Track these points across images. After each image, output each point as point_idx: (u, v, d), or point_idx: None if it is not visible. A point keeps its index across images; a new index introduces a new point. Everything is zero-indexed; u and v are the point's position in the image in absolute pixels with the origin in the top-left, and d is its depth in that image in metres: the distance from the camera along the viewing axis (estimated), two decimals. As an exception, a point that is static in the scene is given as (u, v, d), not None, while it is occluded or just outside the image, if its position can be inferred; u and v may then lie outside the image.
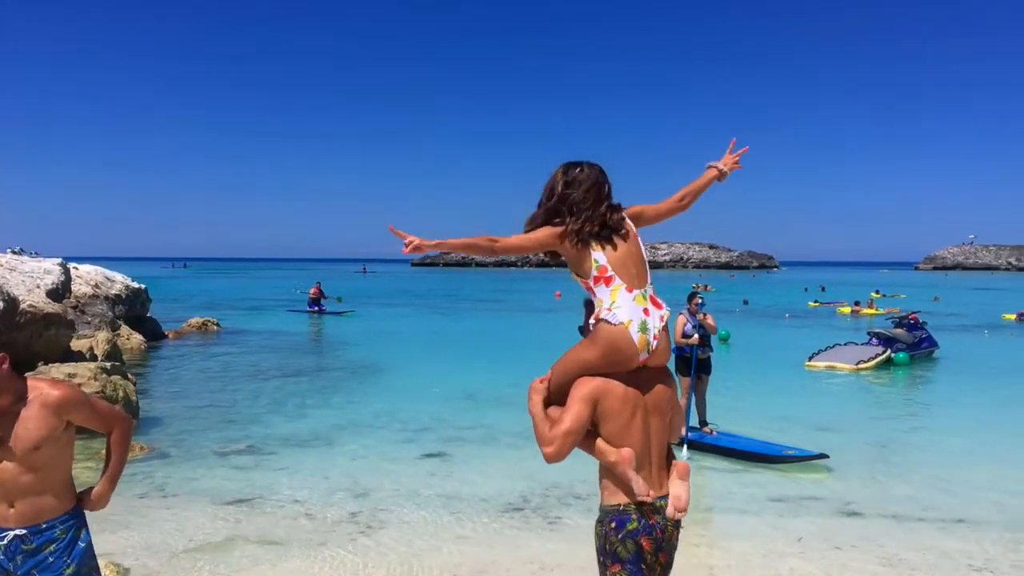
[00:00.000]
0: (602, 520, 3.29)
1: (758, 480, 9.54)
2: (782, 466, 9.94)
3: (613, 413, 3.23)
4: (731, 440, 10.79)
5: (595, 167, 3.51)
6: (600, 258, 3.33)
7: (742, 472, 9.87)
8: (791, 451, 10.20)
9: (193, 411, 13.29)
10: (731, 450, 10.47)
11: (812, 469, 9.84)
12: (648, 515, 3.20)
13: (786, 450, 10.25)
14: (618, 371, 3.25)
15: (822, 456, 10.03)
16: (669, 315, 3.41)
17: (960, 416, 13.93)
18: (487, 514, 8.05)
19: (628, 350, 3.22)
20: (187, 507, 8.13)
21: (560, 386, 3.36)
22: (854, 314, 39.91)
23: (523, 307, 44.28)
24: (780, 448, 10.34)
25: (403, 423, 12.52)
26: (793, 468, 9.87)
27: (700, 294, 11.72)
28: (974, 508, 8.39)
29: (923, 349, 21.53)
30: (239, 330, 28.10)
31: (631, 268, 3.36)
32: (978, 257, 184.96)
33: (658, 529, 3.21)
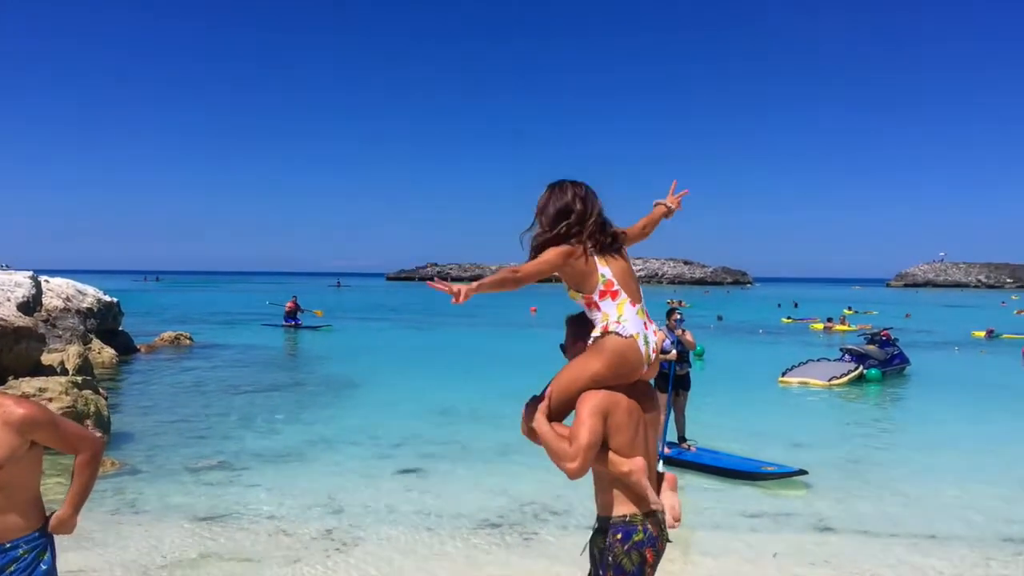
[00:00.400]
0: (605, 532, 3.31)
1: (733, 495, 9.58)
2: (758, 482, 9.99)
3: (622, 426, 3.28)
4: (711, 456, 10.79)
5: (586, 184, 3.58)
6: (607, 272, 3.40)
7: (718, 487, 9.91)
8: (770, 467, 10.22)
9: (165, 426, 13.17)
10: (710, 467, 10.47)
11: (787, 485, 9.90)
12: (652, 526, 3.27)
13: (765, 466, 10.26)
14: (623, 383, 3.32)
15: (801, 472, 10.04)
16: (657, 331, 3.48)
17: (931, 432, 14.08)
18: (463, 530, 8.03)
19: (636, 362, 3.31)
20: (159, 524, 8.04)
21: (563, 401, 3.37)
22: (827, 330, 40.27)
23: (498, 322, 44.28)
24: (759, 464, 10.35)
25: (378, 438, 12.47)
26: (769, 484, 9.92)
27: (679, 310, 11.77)
28: (945, 524, 8.47)
29: (895, 365, 21.76)
30: (212, 344, 27.89)
31: (631, 283, 3.46)
32: (948, 274, 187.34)
33: (660, 541, 3.28)
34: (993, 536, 8.08)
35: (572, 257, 3.39)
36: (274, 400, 16.23)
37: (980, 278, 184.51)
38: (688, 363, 11.42)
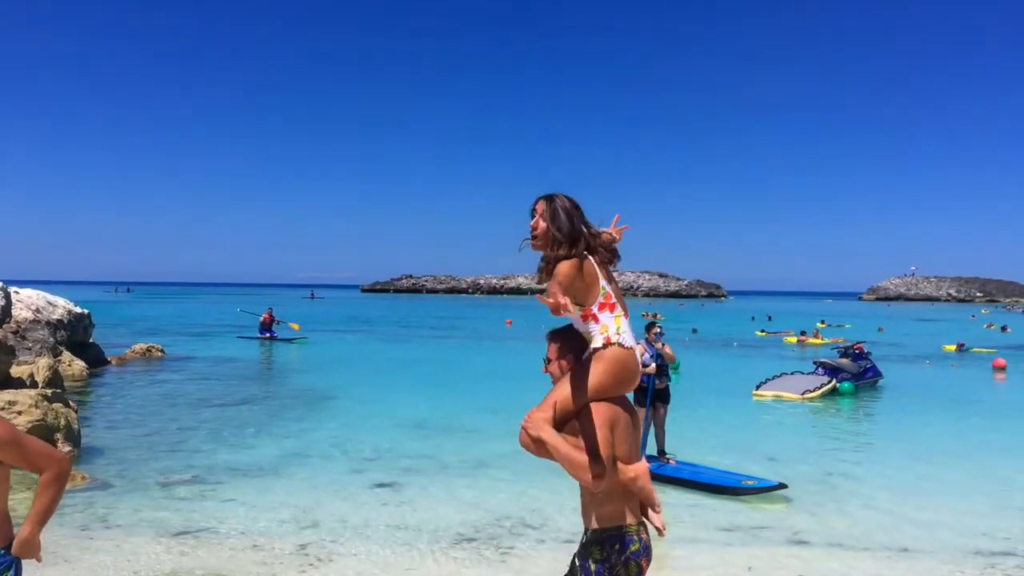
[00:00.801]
0: (601, 543, 3.31)
1: (708, 509, 9.60)
2: (737, 496, 9.97)
3: (625, 436, 3.34)
4: (691, 471, 10.76)
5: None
6: (605, 285, 3.44)
7: (692, 501, 9.92)
8: (751, 481, 10.20)
9: (137, 440, 13.01)
10: (691, 481, 10.44)
11: (762, 498, 9.93)
12: (645, 536, 3.34)
13: (745, 480, 10.25)
14: (622, 394, 3.40)
15: (781, 486, 10.03)
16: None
17: (903, 446, 14.18)
18: (439, 545, 7.98)
19: (636, 373, 3.42)
20: (131, 539, 7.92)
21: (566, 412, 3.37)
22: (800, 343, 40.59)
23: (474, 335, 44.25)
24: (739, 479, 10.34)
25: (353, 452, 12.39)
26: (744, 497, 9.93)
27: (659, 323, 11.80)
28: (917, 538, 8.53)
29: (868, 379, 21.96)
30: (184, 356, 27.63)
31: (621, 297, 3.51)
32: (919, 288, 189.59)
33: (650, 550, 3.35)
34: (964, 549, 8.14)
35: (582, 271, 3.41)
36: (247, 413, 16.09)
37: (950, 292, 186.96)
38: (667, 376, 11.45)
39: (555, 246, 3.44)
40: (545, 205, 3.53)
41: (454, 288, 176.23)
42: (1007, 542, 8.39)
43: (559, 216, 3.48)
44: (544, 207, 3.53)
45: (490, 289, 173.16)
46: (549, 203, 3.53)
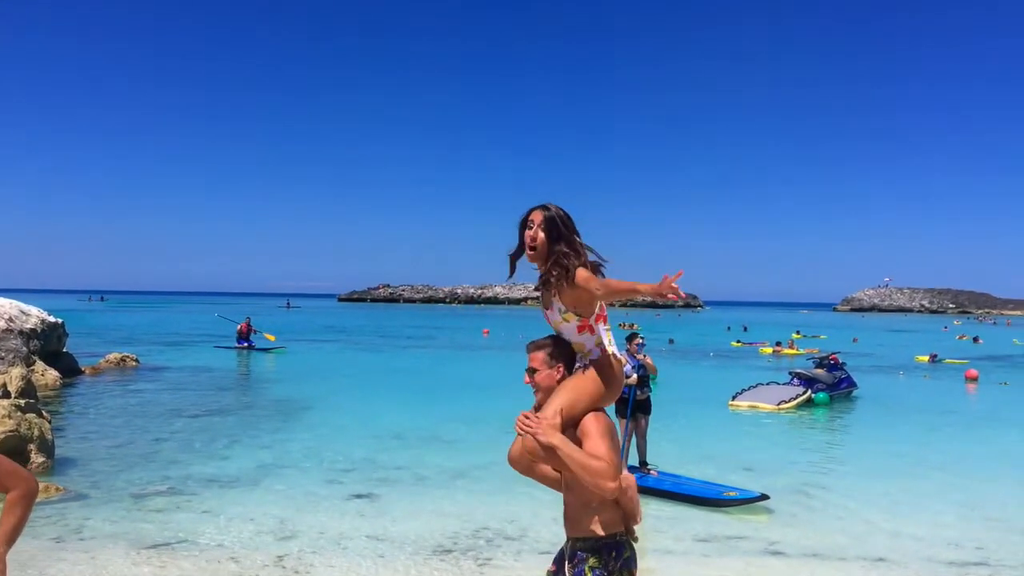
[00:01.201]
0: (598, 551, 3.33)
1: (685, 519, 9.64)
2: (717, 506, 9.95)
3: (617, 445, 3.41)
4: (672, 482, 10.72)
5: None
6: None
7: (669, 511, 9.95)
8: (733, 493, 10.17)
9: (111, 451, 12.89)
10: (672, 492, 10.37)
11: (738, 508, 9.96)
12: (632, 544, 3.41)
13: (727, 492, 10.21)
14: (610, 404, 3.50)
15: (763, 497, 10.01)
16: None
17: (877, 456, 14.31)
18: (417, 556, 7.97)
19: (622, 384, 3.53)
20: (106, 551, 7.85)
21: (570, 420, 3.40)
22: (775, 354, 40.86)
23: (451, 344, 44.21)
24: (721, 490, 10.31)
25: (330, 463, 12.34)
26: (721, 508, 9.95)
27: (640, 334, 11.82)
28: (892, 547, 8.62)
29: (842, 389, 22.14)
30: (159, 366, 27.40)
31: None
32: (893, 299, 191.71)
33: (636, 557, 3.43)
34: (937, 559, 8.24)
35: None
36: (223, 424, 15.99)
37: (923, 303, 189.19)
38: (648, 387, 11.48)
39: (563, 257, 3.47)
40: (543, 216, 3.54)
41: (431, 297, 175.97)
42: (979, 552, 8.50)
43: (558, 226, 3.51)
44: (542, 218, 3.54)
45: (467, 299, 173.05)
46: (546, 213, 3.54)
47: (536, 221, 3.54)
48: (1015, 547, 8.73)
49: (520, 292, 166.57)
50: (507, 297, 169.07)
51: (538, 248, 3.53)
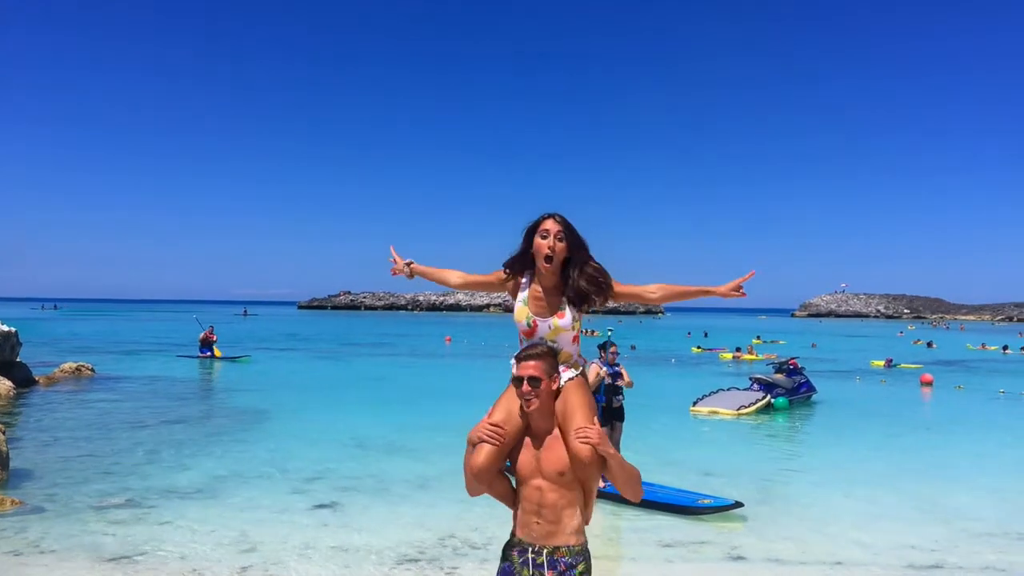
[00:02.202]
0: (585, 557, 3.48)
1: (648, 525, 9.71)
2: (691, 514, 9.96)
3: None
4: (647, 490, 10.73)
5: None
6: None
7: (633, 517, 10.02)
8: (707, 500, 10.19)
9: (68, 462, 12.67)
10: (646, 500, 10.17)
11: (711, 516, 10.00)
12: None
13: (702, 500, 10.24)
14: None
15: (738, 505, 10.04)
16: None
17: (836, 460, 14.53)
18: (382, 566, 7.95)
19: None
20: (65, 564, 7.73)
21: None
22: (735, 359, 41.32)
23: (413, 352, 44.05)
24: (695, 498, 10.33)
25: (292, 472, 12.25)
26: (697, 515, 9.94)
27: (614, 342, 11.87)
28: (850, 550, 8.76)
29: (802, 394, 22.46)
30: (116, 376, 26.98)
31: None
32: (849, 305, 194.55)
33: None
34: (895, 562, 8.38)
35: None
36: (182, 434, 15.78)
37: (879, 309, 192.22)
38: (621, 395, 11.54)
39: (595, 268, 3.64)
40: (561, 225, 3.63)
41: (393, 304, 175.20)
42: (935, 554, 8.67)
43: (578, 235, 3.65)
44: (560, 227, 3.62)
45: (429, 306, 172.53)
46: (564, 222, 3.64)
47: (552, 231, 3.60)
48: (969, 549, 8.92)
49: (482, 299, 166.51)
50: (469, 304, 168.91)
51: (556, 258, 3.60)
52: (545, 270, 3.62)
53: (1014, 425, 19.78)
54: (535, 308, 3.66)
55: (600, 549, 8.95)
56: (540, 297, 3.66)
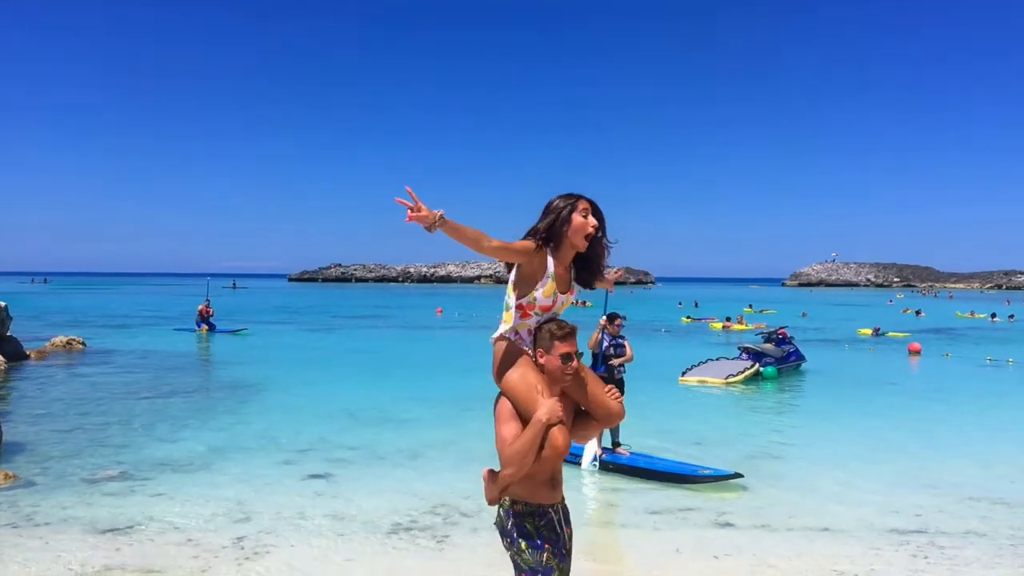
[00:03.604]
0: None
1: (636, 494, 9.85)
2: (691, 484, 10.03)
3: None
4: (646, 460, 10.78)
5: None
6: None
7: (621, 486, 10.15)
8: (707, 471, 10.25)
9: (60, 435, 12.72)
10: (646, 470, 10.42)
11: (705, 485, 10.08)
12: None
13: (701, 470, 10.30)
14: None
15: (737, 475, 10.10)
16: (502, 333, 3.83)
17: (823, 427, 14.71)
18: (375, 535, 8.05)
19: None
20: (60, 536, 7.79)
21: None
22: (725, 329, 41.51)
23: (404, 324, 44.10)
24: (695, 468, 10.39)
25: (285, 444, 12.33)
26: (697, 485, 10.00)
27: (621, 316, 11.81)
28: (837, 516, 8.89)
29: (791, 363, 22.63)
30: (107, 349, 26.98)
31: None
32: (840, 274, 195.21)
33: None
34: (881, 526, 8.52)
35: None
36: (175, 407, 15.84)
37: (869, 277, 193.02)
38: (623, 367, 11.55)
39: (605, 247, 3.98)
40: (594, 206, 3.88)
41: (384, 276, 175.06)
42: (919, 519, 8.81)
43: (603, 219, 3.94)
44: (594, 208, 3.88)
45: (420, 277, 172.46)
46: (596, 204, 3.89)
47: (590, 210, 3.83)
48: (952, 513, 9.07)
49: (473, 271, 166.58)
50: (460, 276, 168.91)
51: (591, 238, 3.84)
52: (583, 248, 3.81)
53: (1000, 392, 20.01)
54: (559, 284, 3.79)
55: (589, 517, 9.09)
56: (561, 273, 3.80)
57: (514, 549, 3.66)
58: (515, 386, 3.62)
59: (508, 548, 3.70)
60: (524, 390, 3.59)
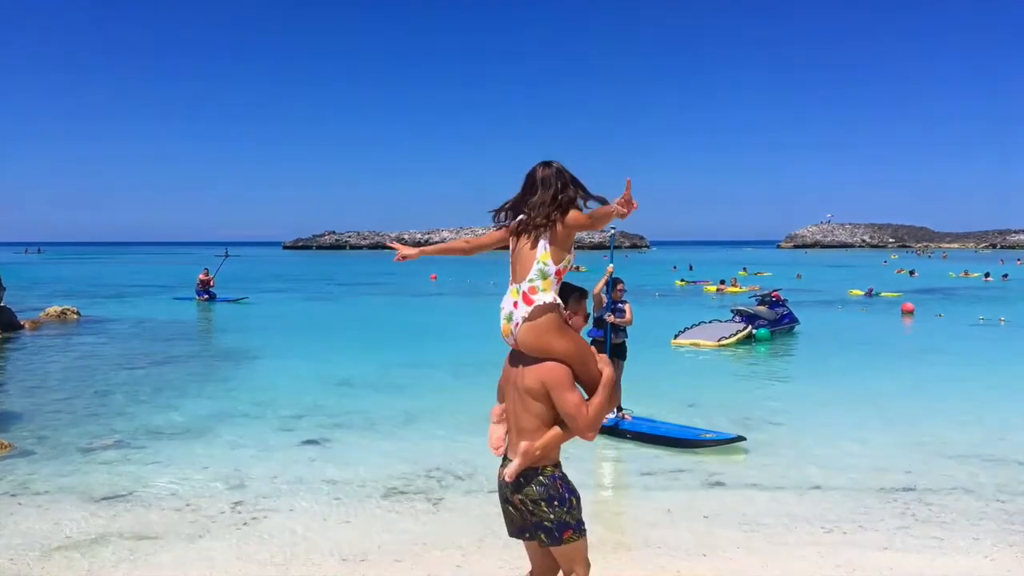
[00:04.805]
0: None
1: (627, 456, 9.96)
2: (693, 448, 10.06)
3: (501, 381, 4.05)
4: (649, 425, 10.79)
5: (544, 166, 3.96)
6: (510, 251, 3.95)
7: (613, 449, 10.25)
8: (709, 435, 10.29)
9: (56, 404, 12.78)
10: (649, 435, 10.44)
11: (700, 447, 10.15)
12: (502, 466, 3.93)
13: (704, 434, 10.33)
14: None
15: (739, 439, 10.14)
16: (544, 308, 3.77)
17: (815, 388, 14.81)
18: (370, 498, 8.14)
19: (501, 333, 3.89)
20: (57, 505, 7.86)
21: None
22: (719, 292, 41.60)
23: (398, 290, 44.06)
24: (698, 432, 10.43)
25: (280, 410, 12.40)
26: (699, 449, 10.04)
27: (622, 281, 11.63)
28: (827, 475, 8.99)
29: (784, 325, 22.72)
30: (102, 319, 26.98)
31: (516, 265, 3.88)
32: (835, 235, 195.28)
33: (499, 480, 3.92)
34: (870, 485, 8.63)
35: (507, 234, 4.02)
36: (170, 375, 15.90)
37: (864, 238, 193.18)
38: (624, 332, 11.44)
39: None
40: None
41: (378, 243, 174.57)
42: (907, 476, 8.92)
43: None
44: None
45: (414, 243, 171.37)
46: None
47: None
48: (940, 470, 9.19)
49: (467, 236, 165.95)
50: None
51: None
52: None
53: (991, 351, 20.15)
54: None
55: (581, 481, 9.15)
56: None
57: (565, 508, 3.76)
58: (576, 351, 3.79)
59: (556, 511, 3.75)
60: (586, 353, 3.84)
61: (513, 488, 3.79)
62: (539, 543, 3.84)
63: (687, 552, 6.70)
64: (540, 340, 3.74)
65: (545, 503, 3.73)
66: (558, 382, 3.70)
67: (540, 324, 3.73)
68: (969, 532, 7.20)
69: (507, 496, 3.86)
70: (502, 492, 3.89)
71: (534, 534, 3.82)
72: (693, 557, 6.59)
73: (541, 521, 3.75)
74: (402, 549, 6.74)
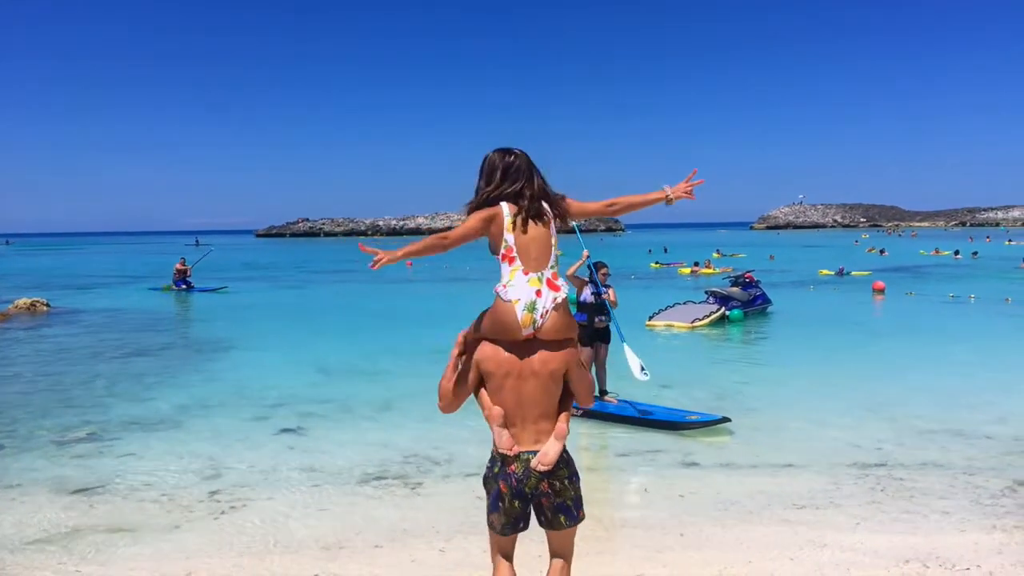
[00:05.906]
0: (490, 460, 3.78)
1: (604, 437, 10.03)
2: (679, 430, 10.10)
3: (488, 375, 3.72)
4: (633, 408, 10.84)
5: (524, 154, 3.86)
6: (510, 239, 3.70)
7: (589, 430, 10.31)
8: (695, 416, 10.34)
9: (26, 397, 12.65)
10: (635, 418, 10.50)
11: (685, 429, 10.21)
12: (507, 464, 3.66)
13: (690, 416, 10.37)
14: (503, 339, 3.68)
15: (725, 420, 10.18)
16: (567, 294, 3.78)
17: (788, 367, 14.98)
18: (348, 485, 8.14)
19: (510, 325, 3.64)
20: (29, 498, 7.80)
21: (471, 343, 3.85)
22: (693, 274, 41.86)
23: (374, 277, 43.85)
24: (684, 414, 10.47)
25: (255, 399, 12.35)
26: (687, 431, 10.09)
27: (606, 265, 11.68)
28: (800, 453, 9.10)
29: (757, 306, 22.91)
30: (72, 310, 26.68)
31: (532, 252, 3.72)
32: (807, 216, 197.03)
33: (513, 478, 3.64)
34: (842, 461, 8.75)
35: (487, 223, 3.73)
36: (143, 365, 15.77)
37: (836, 219, 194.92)
38: (607, 316, 11.50)
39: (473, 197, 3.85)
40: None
41: (353, 231, 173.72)
42: (879, 452, 9.06)
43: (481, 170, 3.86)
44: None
45: (389, 230, 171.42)
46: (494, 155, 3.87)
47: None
48: (911, 446, 9.34)
49: (443, 221, 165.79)
50: (429, 228, 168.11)
51: None
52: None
53: (961, 328, 20.43)
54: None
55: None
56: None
57: (577, 483, 3.83)
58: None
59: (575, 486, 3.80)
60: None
61: (545, 475, 3.65)
62: (557, 528, 3.75)
63: (663, 530, 6.77)
64: (570, 324, 3.76)
65: (570, 480, 3.76)
66: (576, 359, 3.77)
67: (566, 308, 3.77)
68: (938, 506, 7.32)
69: (531, 488, 3.65)
70: (519, 487, 3.64)
71: (552, 520, 3.73)
72: (669, 535, 6.65)
73: (564, 501, 3.72)
74: (381, 535, 6.75)
